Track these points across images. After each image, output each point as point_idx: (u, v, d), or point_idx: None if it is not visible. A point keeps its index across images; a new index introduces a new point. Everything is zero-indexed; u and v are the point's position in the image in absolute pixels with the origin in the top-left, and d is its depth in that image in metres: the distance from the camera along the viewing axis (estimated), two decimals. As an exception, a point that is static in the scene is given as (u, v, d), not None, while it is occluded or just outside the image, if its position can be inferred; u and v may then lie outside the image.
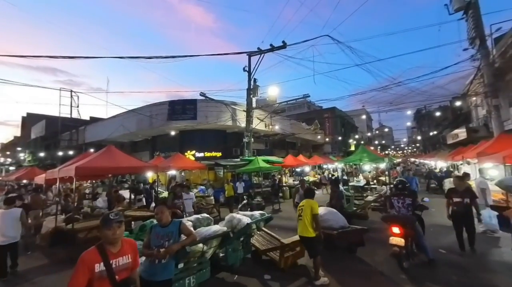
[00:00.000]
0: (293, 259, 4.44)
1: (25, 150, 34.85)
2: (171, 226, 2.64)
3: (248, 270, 4.31)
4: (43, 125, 31.22)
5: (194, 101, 15.82)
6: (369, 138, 51.91)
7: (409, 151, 68.28)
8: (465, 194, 4.70)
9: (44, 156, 27.79)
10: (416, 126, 45.91)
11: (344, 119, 38.19)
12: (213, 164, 14.32)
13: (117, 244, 1.86)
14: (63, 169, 6.37)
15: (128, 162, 7.02)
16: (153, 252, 2.43)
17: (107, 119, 21.38)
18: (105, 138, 19.52)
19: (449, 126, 23.33)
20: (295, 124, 25.48)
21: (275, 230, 5.75)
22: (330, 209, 5.32)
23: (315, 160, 18.46)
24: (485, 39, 8.86)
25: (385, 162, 10.38)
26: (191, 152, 16.27)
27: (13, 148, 40.83)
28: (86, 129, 23.72)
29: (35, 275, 4.63)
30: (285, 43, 11.77)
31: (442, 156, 16.11)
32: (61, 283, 4.25)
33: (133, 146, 21.47)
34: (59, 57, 7.03)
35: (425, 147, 39.16)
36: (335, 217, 5.04)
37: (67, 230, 5.69)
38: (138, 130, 17.36)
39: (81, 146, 23.32)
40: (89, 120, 28.96)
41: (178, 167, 11.46)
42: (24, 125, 40.86)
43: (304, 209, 3.95)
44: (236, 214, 4.41)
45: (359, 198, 8.86)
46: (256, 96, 14.02)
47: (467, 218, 4.63)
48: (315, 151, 30.84)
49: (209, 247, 3.61)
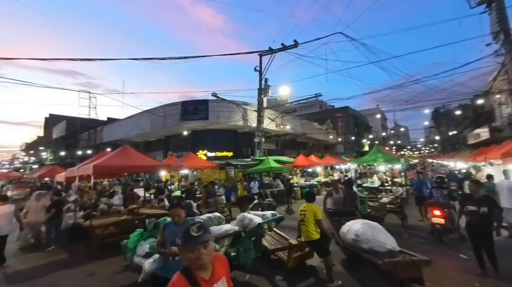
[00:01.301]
0: (302, 260, 4.41)
1: (47, 149, 36.74)
2: (185, 223, 2.67)
3: (258, 270, 4.32)
4: (63, 125, 32.78)
5: (206, 101, 16.02)
6: (383, 138, 50.46)
7: (427, 151, 65.77)
8: (482, 202, 3.96)
9: (65, 154, 29.15)
10: (434, 126, 44.18)
11: (358, 119, 37.34)
12: (224, 164, 14.43)
13: (208, 268, 1.39)
14: (82, 167, 6.65)
15: (143, 161, 7.21)
16: (167, 250, 2.47)
17: (123, 120, 22.10)
18: (121, 138, 20.20)
19: (470, 126, 22.25)
20: (307, 124, 25.21)
21: (286, 230, 5.72)
22: (370, 223, 3.98)
23: (327, 160, 18.15)
24: (510, 33, 8.35)
25: (401, 162, 10.02)
26: (203, 152, 16.48)
27: (37, 147, 43.14)
28: (103, 129, 24.65)
29: (55, 269, 4.83)
30: (297, 42, 11.65)
31: (462, 157, 15.34)
32: (78, 277, 4.44)
33: (147, 145, 22.05)
34: (78, 59, 7.34)
35: (444, 147, 37.54)
36: (379, 235, 3.65)
37: (85, 226, 5.92)
38: (152, 130, 17.81)
39: (99, 145, 24.28)
40: (106, 121, 30.10)
41: (191, 166, 11.64)
42: (47, 126, 43.10)
43: (307, 215, 3.89)
44: (248, 214, 4.42)
45: (373, 199, 8.62)
46: (267, 96, 13.98)
47: (484, 231, 3.89)
48: (327, 151, 30.37)
49: (221, 246, 3.63)
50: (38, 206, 6.10)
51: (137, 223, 6.19)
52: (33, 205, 6.08)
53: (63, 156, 29.19)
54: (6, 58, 6.74)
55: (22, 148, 58.44)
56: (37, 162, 39.10)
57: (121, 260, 4.57)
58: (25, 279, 4.42)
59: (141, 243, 3.87)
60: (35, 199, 6.23)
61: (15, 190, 14.02)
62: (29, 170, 34.57)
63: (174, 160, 12.18)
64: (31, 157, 43.88)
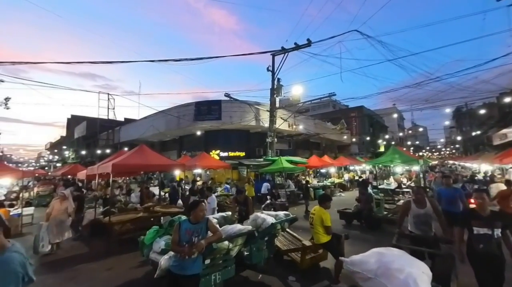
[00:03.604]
0: (315, 261, 4.35)
1: (69, 148, 38.68)
2: (200, 222, 2.72)
3: (271, 270, 4.31)
4: (84, 126, 34.40)
5: (219, 102, 16.20)
6: (400, 139, 48.70)
7: (447, 152, 62.75)
8: (494, 221, 2.75)
9: (85, 153, 30.55)
10: (455, 126, 42.01)
11: (373, 119, 36.26)
12: (236, 164, 14.52)
13: None
14: (101, 166, 6.93)
15: (158, 160, 7.40)
16: (184, 248, 2.51)
17: (139, 120, 22.84)
18: (137, 138, 20.87)
19: (496, 126, 21.00)
20: (320, 124, 24.83)
21: (299, 231, 5.66)
22: (402, 253, 2.69)
23: (341, 161, 17.77)
24: (542, 26, 7.78)
25: (420, 164, 9.62)
26: (216, 151, 16.67)
27: (60, 147, 45.55)
28: (120, 129, 25.59)
29: (77, 262, 5.09)
30: (310, 41, 11.50)
31: (487, 158, 14.47)
32: (98, 271, 4.63)
33: (162, 145, 22.63)
34: (98, 62, 7.68)
35: (466, 148, 35.64)
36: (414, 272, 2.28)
37: (105, 222, 6.16)
38: (166, 130, 18.26)
39: (116, 144, 25.23)
40: (123, 121, 31.21)
41: (204, 166, 11.81)
42: (69, 126, 45.50)
43: (315, 219, 3.87)
44: (261, 213, 4.41)
45: (390, 202, 8.34)
46: (280, 96, 13.92)
47: (497, 262, 2.72)
48: (340, 151, 29.74)
49: (234, 245, 3.65)
50: (61, 209, 5.87)
51: (152, 221, 6.37)
52: (56, 207, 5.84)
53: (84, 155, 30.61)
54: (33, 62, 7.17)
55: (47, 147, 61.98)
56: (60, 160, 41.31)
57: (137, 256, 4.72)
58: (49, 271, 4.69)
59: (157, 239, 3.97)
60: (59, 201, 5.96)
61: (40, 186, 14.86)
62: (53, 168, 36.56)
63: (188, 159, 12.41)
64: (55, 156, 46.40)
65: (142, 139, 20.38)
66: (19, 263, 1.71)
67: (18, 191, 11.71)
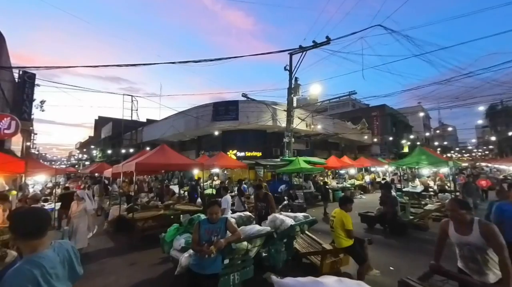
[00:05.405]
0: (336, 266, 4.18)
1: (97, 148, 41.13)
2: (219, 222, 2.72)
3: (289, 272, 4.21)
4: (110, 127, 36.36)
5: (236, 102, 16.33)
6: (426, 139, 45.95)
7: (479, 153, 58.22)
8: None
9: (111, 152, 32.30)
10: (489, 125, 38.87)
11: (396, 118, 34.56)
12: (253, 164, 14.54)
13: None
14: (126, 164, 7.27)
15: (178, 159, 7.61)
16: (204, 248, 2.52)
17: (160, 121, 23.70)
18: (158, 138, 21.68)
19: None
20: (339, 124, 24.16)
21: (318, 234, 5.51)
22: None
23: (361, 162, 17.12)
24: None
25: (449, 166, 8.95)
26: (233, 151, 16.82)
27: (88, 146, 48.65)
28: (143, 130, 26.73)
29: (103, 256, 5.36)
30: (329, 39, 11.17)
31: (527, 161, 13.20)
32: (122, 265, 4.83)
33: (182, 145, 23.30)
34: (123, 65, 8.06)
35: (502, 149, 32.81)
36: None
37: (128, 218, 6.44)
38: (186, 130, 18.76)
39: (139, 144, 26.36)
40: (145, 122, 32.57)
41: (221, 165, 11.95)
42: (96, 127, 48.38)
43: (335, 222, 3.73)
44: (279, 215, 4.35)
45: (415, 205, 7.85)
46: (297, 96, 13.71)
47: None
48: (361, 152, 28.69)
49: (253, 246, 3.63)
50: (77, 211, 5.30)
51: (172, 218, 6.55)
52: (73, 209, 5.34)
53: (110, 154, 32.38)
54: (64, 66, 7.70)
55: (77, 146, 66.42)
56: (88, 159, 44.11)
57: (159, 252, 4.86)
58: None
59: (177, 237, 4.06)
60: (75, 203, 5.40)
61: (71, 183, 16.00)
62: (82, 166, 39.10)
63: (206, 159, 12.64)
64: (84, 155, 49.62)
65: (163, 139, 21.11)
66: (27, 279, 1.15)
67: (51, 187, 12.66)
